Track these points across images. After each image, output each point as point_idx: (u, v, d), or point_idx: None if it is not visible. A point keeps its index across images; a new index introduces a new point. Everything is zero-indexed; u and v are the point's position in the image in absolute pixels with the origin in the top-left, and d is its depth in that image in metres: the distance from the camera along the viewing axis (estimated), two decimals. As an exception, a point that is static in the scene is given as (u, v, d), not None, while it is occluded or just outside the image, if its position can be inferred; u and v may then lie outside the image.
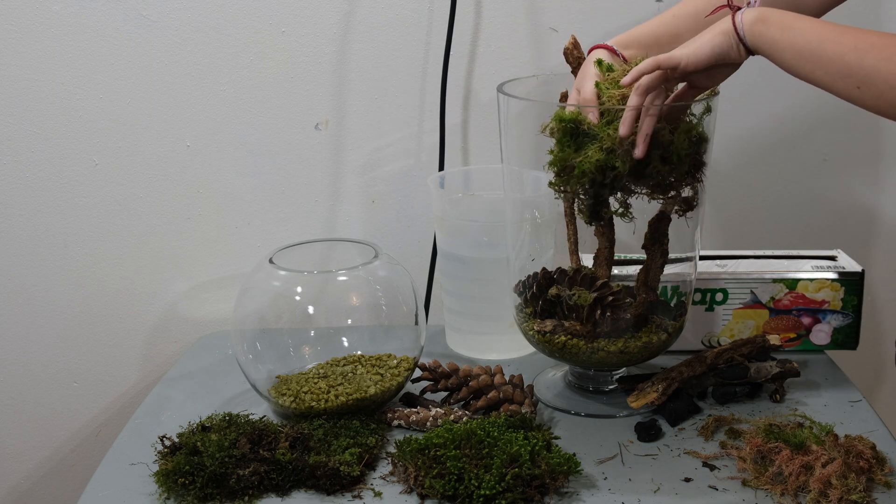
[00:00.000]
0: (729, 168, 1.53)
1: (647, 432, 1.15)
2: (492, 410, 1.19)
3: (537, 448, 1.04)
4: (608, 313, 1.15)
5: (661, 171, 1.08)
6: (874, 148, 1.53)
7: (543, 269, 1.21)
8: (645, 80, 1.04)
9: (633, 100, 1.04)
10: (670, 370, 1.22)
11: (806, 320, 1.34)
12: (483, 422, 1.09)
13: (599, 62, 1.12)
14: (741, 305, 1.33)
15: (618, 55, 1.13)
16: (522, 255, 1.25)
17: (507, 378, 1.22)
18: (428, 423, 1.16)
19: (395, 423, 1.18)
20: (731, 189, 1.55)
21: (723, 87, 1.16)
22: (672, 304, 1.24)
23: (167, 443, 1.10)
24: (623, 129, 1.04)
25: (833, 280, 1.32)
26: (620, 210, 1.12)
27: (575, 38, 1.17)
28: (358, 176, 1.52)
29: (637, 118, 1.04)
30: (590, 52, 1.15)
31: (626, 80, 1.06)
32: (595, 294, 1.14)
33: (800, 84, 1.48)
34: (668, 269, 1.19)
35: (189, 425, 1.14)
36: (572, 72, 1.17)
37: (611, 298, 1.14)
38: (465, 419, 1.15)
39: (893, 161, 1.54)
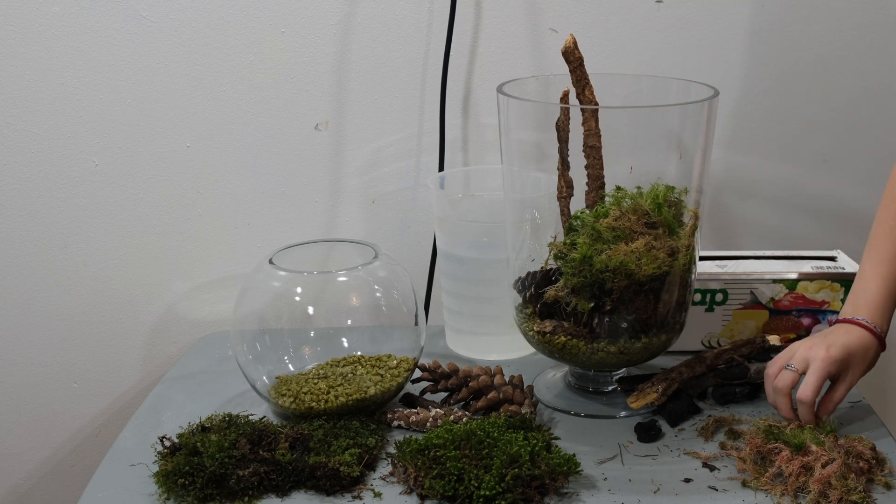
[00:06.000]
0: (728, 168, 1.53)
1: (647, 433, 1.15)
2: (492, 411, 1.18)
3: (537, 448, 1.04)
4: (607, 319, 1.15)
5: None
6: (874, 148, 1.53)
7: (542, 268, 1.21)
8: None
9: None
10: (670, 371, 1.22)
11: (806, 321, 1.34)
12: (483, 422, 1.09)
13: None
14: (741, 306, 1.33)
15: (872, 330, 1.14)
16: (522, 255, 1.25)
17: (506, 378, 1.22)
18: (428, 424, 1.16)
19: (395, 423, 1.18)
20: (731, 189, 1.55)
21: (722, 86, 1.16)
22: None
23: (167, 443, 1.10)
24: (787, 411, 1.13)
25: (833, 280, 1.32)
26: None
27: (574, 38, 1.17)
28: (358, 176, 1.52)
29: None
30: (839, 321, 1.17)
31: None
32: (593, 303, 1.14)
33: (800, 84, 1.50)
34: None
35: (189, 426, 1.14)
36: (572, 72, 1.17)
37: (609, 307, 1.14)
38: (464, 420, 1.15)
39: (894, 161, 1.54)
